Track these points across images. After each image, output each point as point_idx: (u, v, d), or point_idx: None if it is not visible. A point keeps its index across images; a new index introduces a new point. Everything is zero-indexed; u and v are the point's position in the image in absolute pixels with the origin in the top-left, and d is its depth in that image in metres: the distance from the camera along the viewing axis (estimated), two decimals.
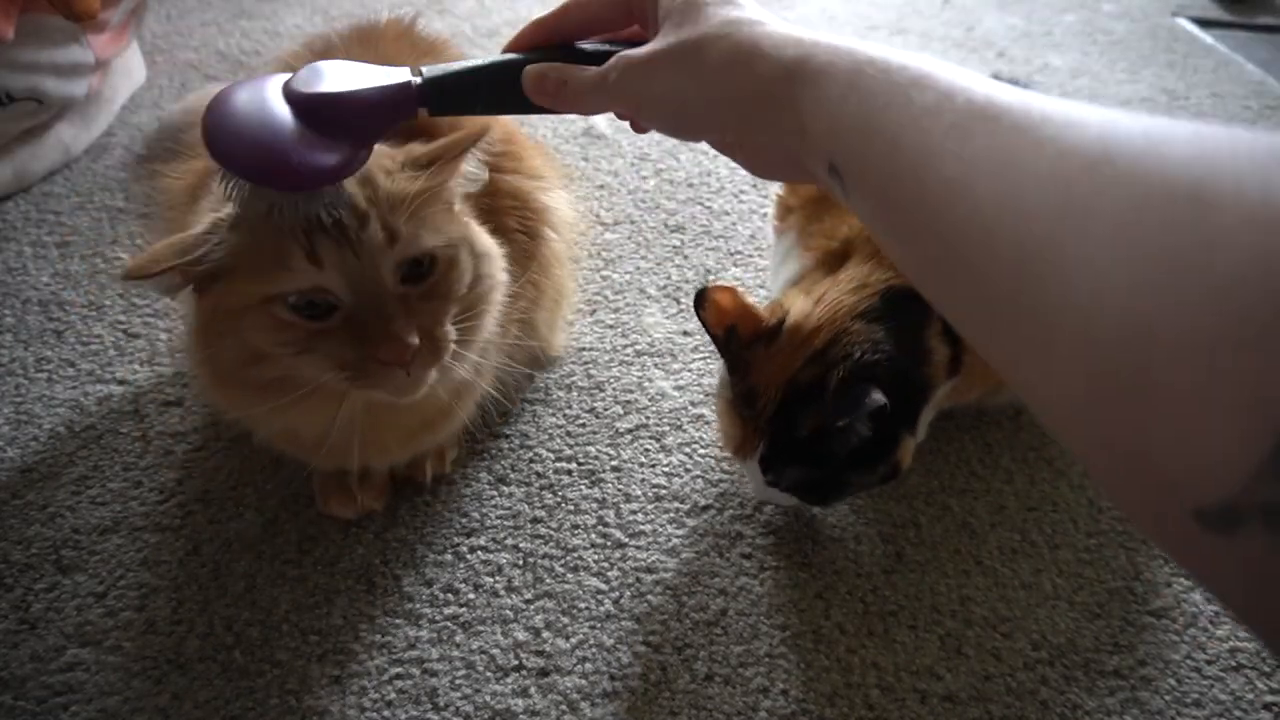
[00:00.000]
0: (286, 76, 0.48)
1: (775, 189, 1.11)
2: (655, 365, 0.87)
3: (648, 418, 0.82)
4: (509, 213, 0.71)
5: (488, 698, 0.62)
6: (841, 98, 0.36)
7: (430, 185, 0.56)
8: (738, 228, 1.05)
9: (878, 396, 0.59)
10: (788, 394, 0.64)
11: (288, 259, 0.51)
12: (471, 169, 0.60)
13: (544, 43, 0.49)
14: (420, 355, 0.54)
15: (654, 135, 1.20)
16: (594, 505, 0.74)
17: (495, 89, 0.46)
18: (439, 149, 0.57)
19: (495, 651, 0.64)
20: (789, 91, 0.39)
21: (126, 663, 0.63)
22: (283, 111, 0.45)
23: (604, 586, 0.69)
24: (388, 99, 0.46)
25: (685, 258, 1.00)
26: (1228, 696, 0.63)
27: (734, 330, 0.65)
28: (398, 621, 0.66)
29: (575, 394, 0.84)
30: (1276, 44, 1.57)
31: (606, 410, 0.83)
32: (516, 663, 0.64)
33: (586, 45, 0.49)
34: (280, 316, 0.53)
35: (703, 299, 0.65)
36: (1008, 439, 0.81)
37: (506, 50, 0.49)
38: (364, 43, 0.71)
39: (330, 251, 0.52)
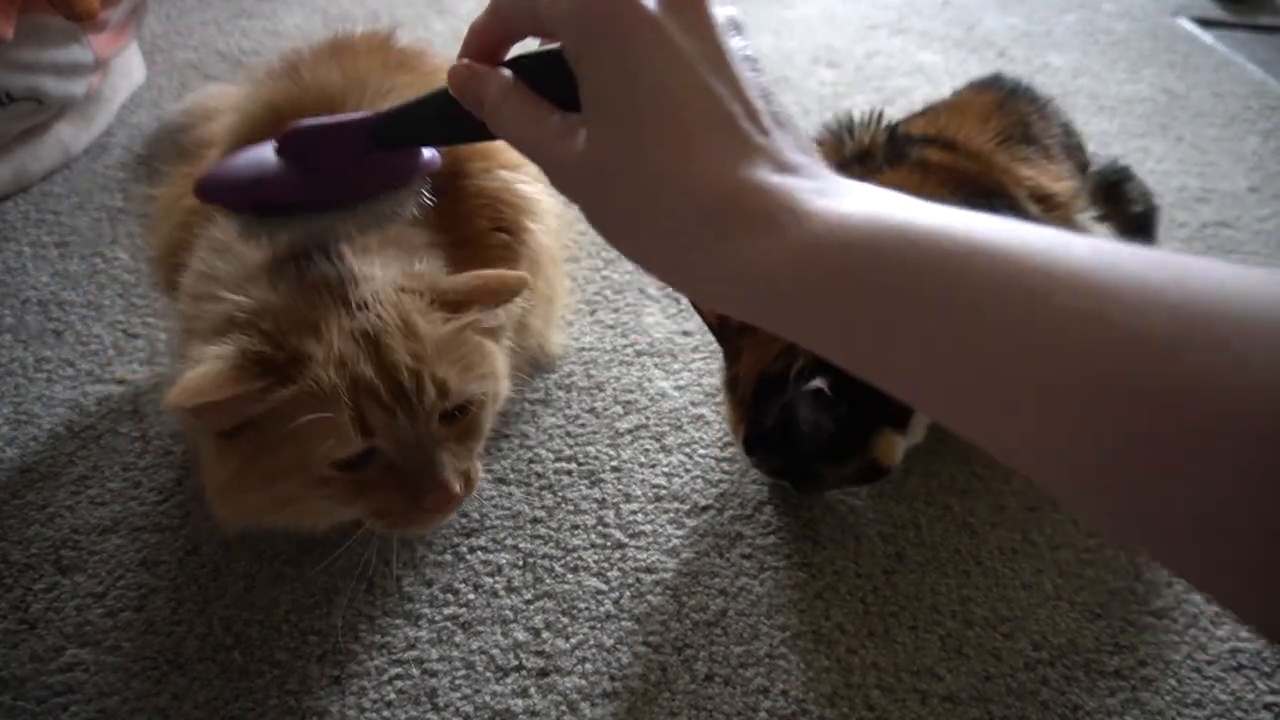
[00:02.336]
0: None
1: None
2: (655, 365, 0.87)
3: (648, 418, 0.82)
4: (480, 214, 0.68)
5: (487, 698, 0.62)
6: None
7: (466, 325, 0.56)
8: None
9: (817, 382, 0.60)
10: (759, 384, 0.67)
11: (338, 432, 0.50)
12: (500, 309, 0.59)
13: (493, 51, 0.39)
14: (459, 499, 0.55)
15: None
16: (594, 505, 0.74)
17: (441, 112, 0.40)
18: (470, 291, 0.56)
19: (495, 652, 0.64)
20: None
21: (126, 663, 0.63)
22: (268, 155, 0.47)
23: (604, 587, 0.69)
24: (340, 127, 0.45)
25: None
26: (1228, 697, 0.63)
27: (725, 319, 0.70)
28: (397, 621, 0.66)
29: (575, 394, 0.84)
30: (1277, 44, 1.57)
31: (606, 410, 0.82)
32: (516, 663, 0.64)
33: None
34: (323, 474, 0.52)
35: None
36: None
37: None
38: (337, 55, 0.70)
39: (379, 417, 0.51)
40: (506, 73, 0.36)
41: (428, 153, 0.46)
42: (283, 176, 0.46)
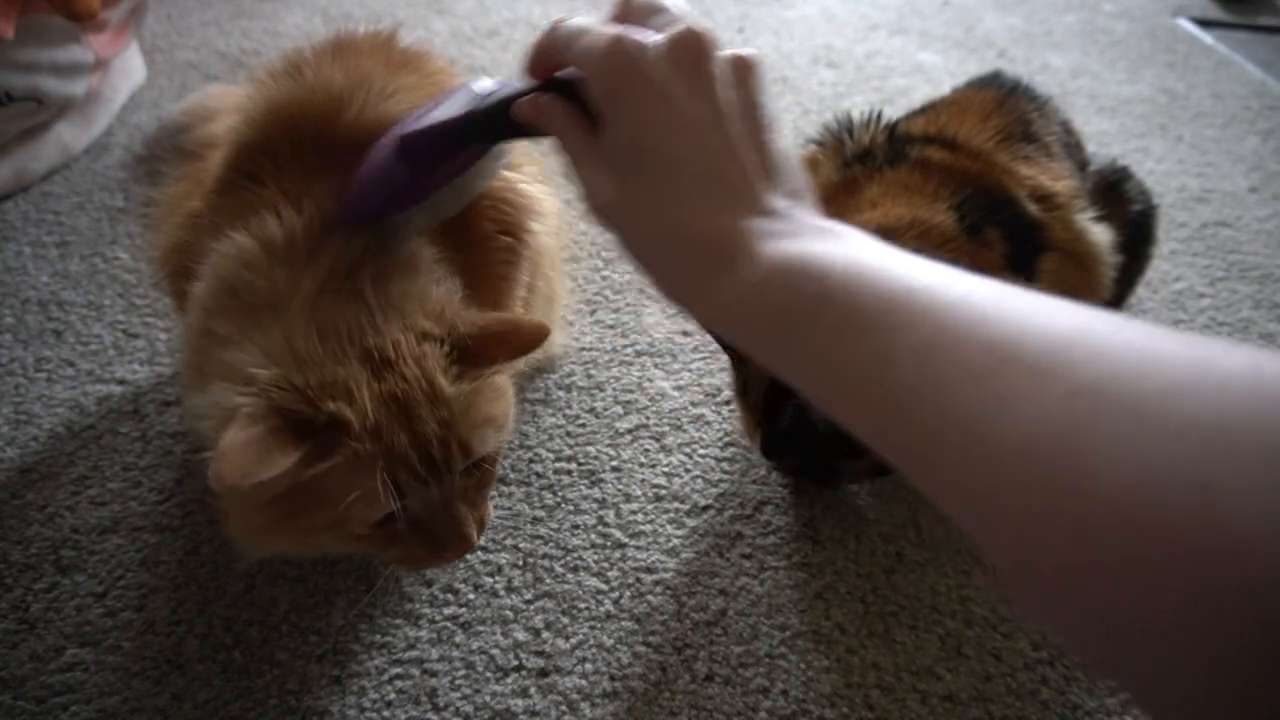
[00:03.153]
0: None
1: None
2: (655, 365, 0.87)
3: (647, 418, 0.82)
4: (485, 216, 0.67)
5: (487, 698, 0.62)
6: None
7: (485, 379, 0.56)
8: None
9: None
10: (769, 387, 0.66)
11: (374, 498, 0.51)
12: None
13: (549, 72, 0.44)
14: (475, 544, 0.58)
15: None
16: (594, 505, 0.74)
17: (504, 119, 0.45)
18: (489, 337, 0.55)
19: (495, 652, 0.64)
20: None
21: (126, 663, 0.63)
22: (386, 163, 0.52)
23: (604, 587, 0.69)
24: (448, 126, 0.49)
25: None
26: None
27: None
28: (397, 621, 0.66)
29: (575, 394, 0.84)
30: (1277, 44, 1.57)
31: (606, 410, 0.82)
32: (516, 663, 0.64)
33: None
34: (354, 533, 0.53)
35: None
36: None
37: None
38: (339, 55, 0.69)
39: (411, 483, 0.52)
40: (561, 104, 0.42)
41: None
42: (405, 181, 0.52)
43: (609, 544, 0.72)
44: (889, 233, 0.69)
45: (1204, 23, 1.63)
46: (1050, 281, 0.71)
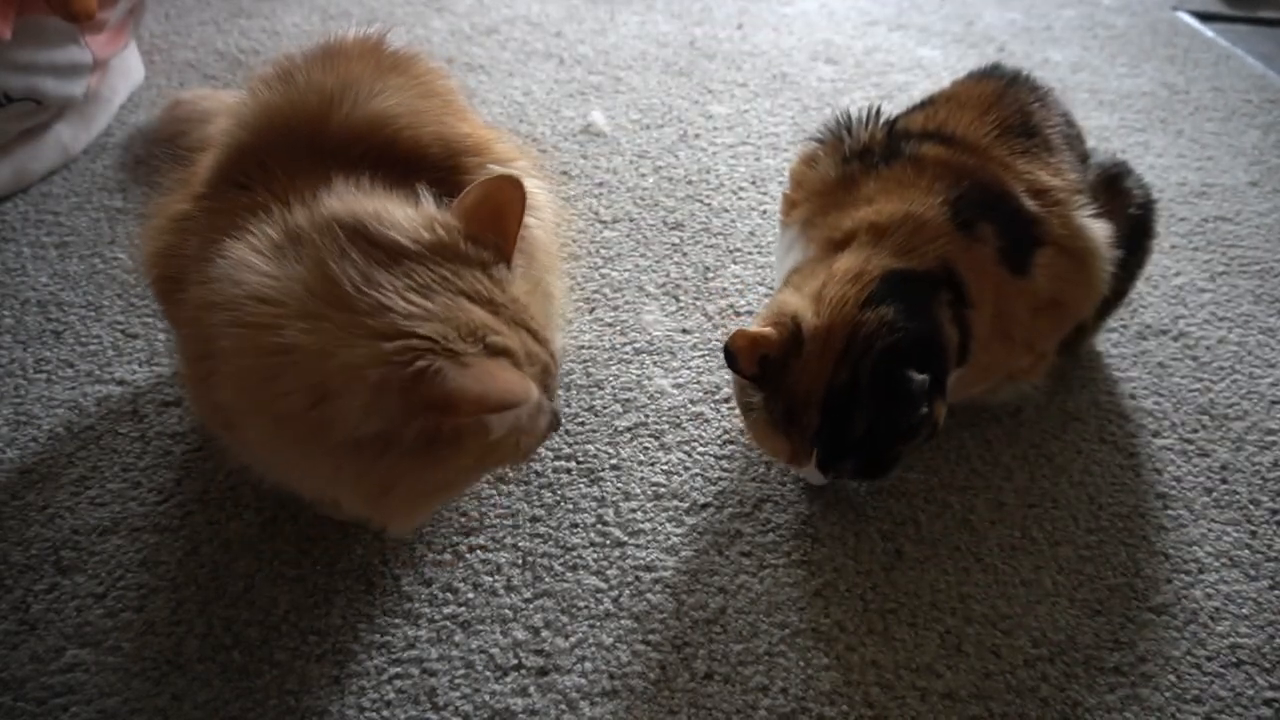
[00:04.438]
0: None
1: (778, 187, 1.11)
2: (654, 363, 0.87)
3: (647, 416, 0.82)
4: None
5: (487, 697, 0.62)
6: None
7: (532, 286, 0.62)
8: (736, 224, 1.04)
9: (918, 377, 0.61)
10: (828, 401, 0.65)
11: (545, 412, 0.58)
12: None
13: None
14: None
15: (652, 133, 1.20)
16: (593, 504, 0.74)
17: None
18: (484, 218, 0.58)
19: (494, 650, 0.64)
20: None
21: (126, 663, 0.63)
22: None
23: (603, 585, 0.69)
24: None
25: (684, 255, 1.00)
26: (1228, 693, 0.63)
27: (767, 359, 0.65)
28: (397, 621, 0.66)
29: (574, 392, 0.84)
30: (1277, 38, 1.57)
31: (605, 408, 0.82)
32: (516, 662, 0.64)
33: None
34: (525, 449, 0.59)
35: (730, 354, 0.65)
36: (1008, 436, 0.81)
37: None
38: (329, 60, 0.69)
39: (550, 387, 0.59)
40: None
41: None
42: None
43: (608, 542, 0.72)
44: (881, 229, 0.69)
45: (1204, 16, 1.62)
46: (1046, 276, 0.71)
